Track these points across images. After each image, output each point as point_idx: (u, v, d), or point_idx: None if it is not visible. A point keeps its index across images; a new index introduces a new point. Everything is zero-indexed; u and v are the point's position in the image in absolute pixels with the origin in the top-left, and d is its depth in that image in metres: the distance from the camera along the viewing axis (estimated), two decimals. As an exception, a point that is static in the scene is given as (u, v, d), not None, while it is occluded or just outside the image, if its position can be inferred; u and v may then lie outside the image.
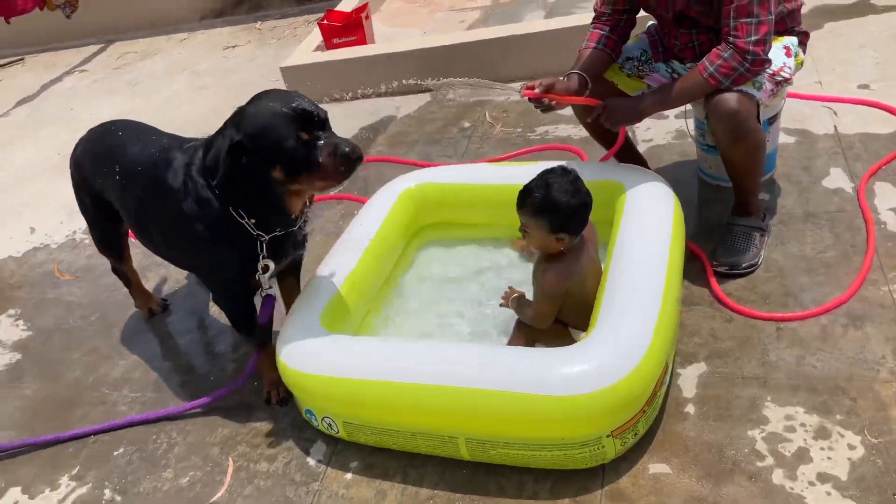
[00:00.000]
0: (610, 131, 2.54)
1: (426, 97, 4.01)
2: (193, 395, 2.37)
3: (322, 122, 1.82)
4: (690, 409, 1.93)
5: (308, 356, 1.94)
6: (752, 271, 2.28)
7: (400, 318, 2.35)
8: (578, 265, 2.02)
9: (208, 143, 1.94)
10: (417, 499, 1.87)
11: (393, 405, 1.83)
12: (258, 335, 2.16)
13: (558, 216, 1.92)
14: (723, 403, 1.92)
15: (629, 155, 2.65)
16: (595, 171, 2.37)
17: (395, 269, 2.48)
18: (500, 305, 2.17)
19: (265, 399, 2.24)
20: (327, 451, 2.06)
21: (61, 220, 3.65)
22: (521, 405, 1.69)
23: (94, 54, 6.26)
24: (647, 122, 3.24)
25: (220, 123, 1.92)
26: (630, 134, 3.12)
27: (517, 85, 2.29)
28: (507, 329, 2.16)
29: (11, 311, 3.04)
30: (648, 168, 2.67)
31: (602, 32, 2.32)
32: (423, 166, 3.30)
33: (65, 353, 2.71)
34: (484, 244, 2.57)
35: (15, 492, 2.16)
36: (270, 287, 2.09)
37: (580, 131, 3.30)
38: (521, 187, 2.36)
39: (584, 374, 1.68)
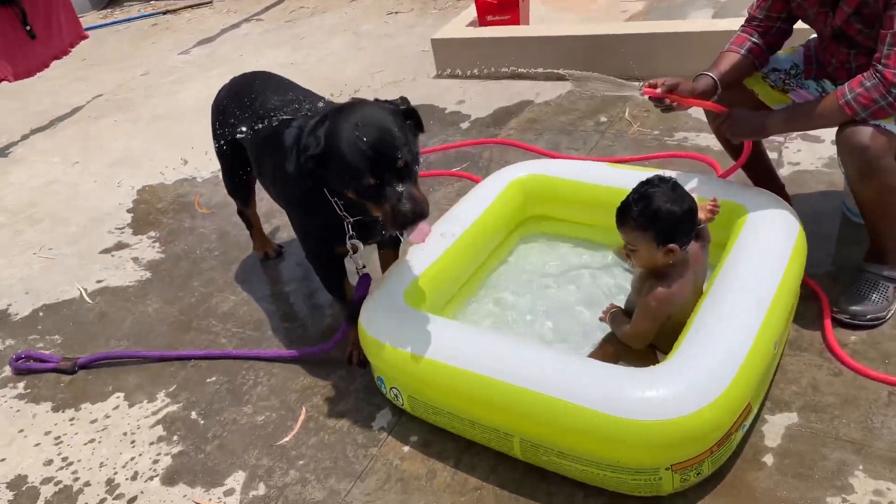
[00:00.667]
0: (734, 144, 2.38)
1: (569, 86, 3.91)
2: (287, 340, 2.51)
3: (399, 170, 1.77)
4: (769, 459, 1.79)
5: (385, 326, 1.98)
6: (877, 325, 2.06)
7: (486, 306, 2.34)
8: (685, 287, 1.91)
9: (322, 116, 1.99)
10: (465, 486, 1.88)
11: (455, 390, 1.84)
12: (350, 310, 2.22)
13: (664, 226, 1.83)
14: (807, 461, 1.76)
15: (766, 177, 2.45)
16: (717, 189, 2.22)
17: (492, 256, 2.47)
18: (600, 319, 2.09)
19: (347, 357, 2.33)
20: (391, 420, 2.11)
21: (211, 157, 3.93)
22: (579, 418, 1.64)
23: (272, 5, 6.64)
24: (798, 143, 3.00)
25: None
26: (775, 155, 2.90)
27: (637, 83, 2.18)
28: (591, 338, 2.10)
29: (152, 234, 3.34)
30: (786, 194, 2.47)
31: (749, 38, 2.16)
32: (547, 155, 3.25)
33: (187, 280, 2.95)
34: (587, 245, 2.49)
35: (119, 398, 2.40)
36: (364, 266, 2.17)
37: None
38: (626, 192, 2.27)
39: (649, 400, 1.60)
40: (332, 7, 6.25)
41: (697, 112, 3.36)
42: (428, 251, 2.23)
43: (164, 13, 7.09)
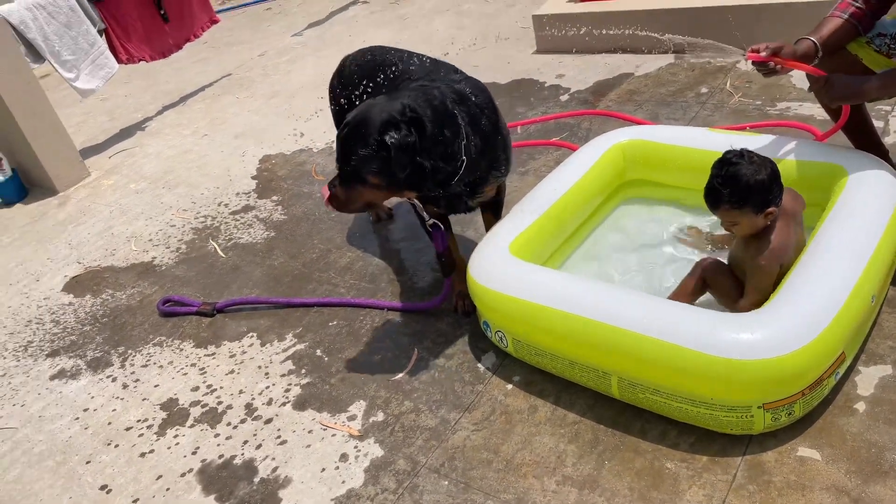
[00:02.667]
0: (834, 109, 2.40)
1: (669, 58, 3.96)
2: (398, 292, 2.74)
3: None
4: (861, 406, 1.87)
5: (493, 274, 2.16)
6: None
7: (584, 263, 2.49)
8: (788, 234, 1.99)
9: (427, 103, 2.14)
10: (565, 421, 2.04)
11: (557, 332, 2.00)
12: (442, 264, 2.44)
13: (759, 196, 1.92)
14: (899, 410, 1.83)
15: (869, 143, 2.46)
16: (817, 152, 2.29)
17: (591, 217, 2.61)
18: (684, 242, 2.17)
19: (453, 307, 2.53)
20: (496, 362, 2.30)
21: (325, 130, 4.24)
22: (679, 358, 1.77)
23: (377, -12, 6.91)
24: (905, 111, 2.96)
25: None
26: (881, 123, 2.88)
27: (740, 51, 2.26)
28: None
29: (275, 198, 3.66)
30: (889, 160, 2.47)
31: (853, 3, 2.19)
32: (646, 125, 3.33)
33: (307, 238, 3.23)
34: (687, 209, 2.58)
35: (252, 337, 2.70)
36: (430, 219, 2.37)
37: (825, 112, 3.09)
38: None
39: (745, 341, 1.72)
40: (435, -12, 6.45)
41: (800, 81, 3.36)
42: (532, 209, 2.39)
43: (277, -2, 7.50)
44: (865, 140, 2.47)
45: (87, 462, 2.32)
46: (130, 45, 4.67)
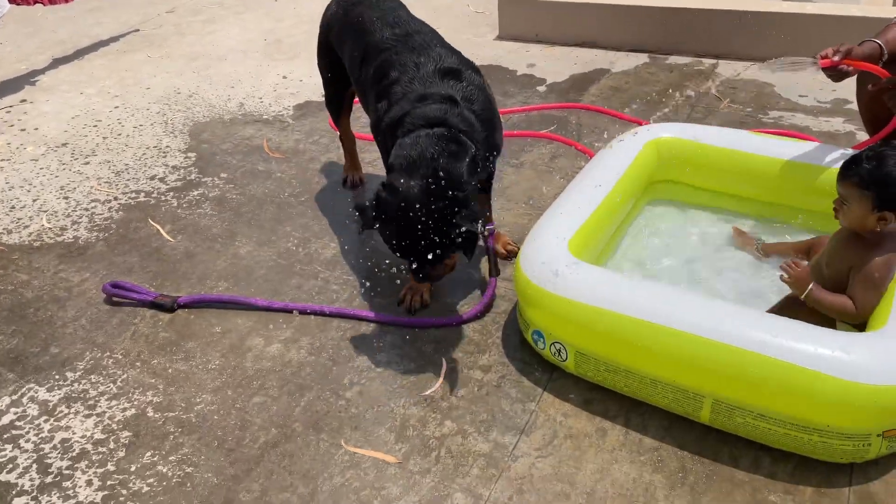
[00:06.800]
0: (878, 118, 2.37)
1: (643, 57, 3.87)
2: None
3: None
4: (954, 431, 1.79)
5: (557, 276, 1.89)
6: None
7: (629, 267, 2.28)
8: None
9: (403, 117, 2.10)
10: (641, 446, 1.81)
11: (646, 347, 1.76)
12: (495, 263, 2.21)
13: (887, 192, 1.78)
14: None
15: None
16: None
17: (624, 220, 2.41)
18: (782, 279, 1.90)
19: (398, 300, 2.29)
20: (543, 376, 2.03)
21: (270, 102, 3.75)
22: (796, 379, 1.59)
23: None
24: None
25: None
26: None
27: (809, 59, 2.15)
28: (745, 299, 2.05)
29: (223, 175, 3.14)
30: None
31: None
32: (640, 124, 3.19)
33: (276, 224, 2.78)
34: (721, 213, 2.44)
35: (229, 338, 2.23)
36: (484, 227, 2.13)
37: (820, 123, 3.11)
38: (779, 162, 2.24)
39: (876, 363, 1.57)
40: (364, -39, 6.02)
41: (786, 90, 3.36)
42: (582, 201, 2.15)
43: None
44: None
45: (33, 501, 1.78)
46: (25, -20, 3.90)
